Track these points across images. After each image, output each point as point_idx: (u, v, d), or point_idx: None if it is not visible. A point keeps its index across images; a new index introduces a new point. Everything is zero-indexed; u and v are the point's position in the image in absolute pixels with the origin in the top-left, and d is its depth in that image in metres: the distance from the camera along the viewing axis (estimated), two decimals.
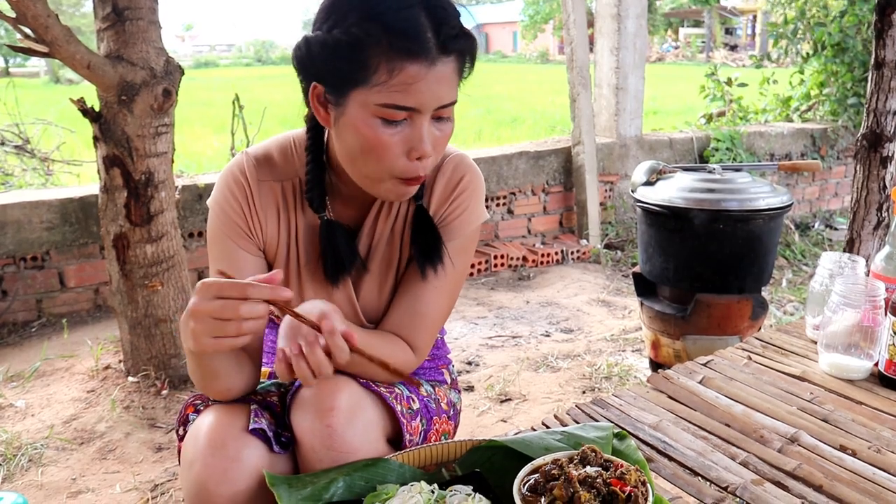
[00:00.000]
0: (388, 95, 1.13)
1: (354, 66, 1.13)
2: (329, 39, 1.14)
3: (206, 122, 10.45)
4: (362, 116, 1.15)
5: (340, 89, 1.16)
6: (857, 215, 3.00)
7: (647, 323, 3.15)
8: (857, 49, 6.15)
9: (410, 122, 1.17)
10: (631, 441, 1.32)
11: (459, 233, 1.41)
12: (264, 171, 1.34)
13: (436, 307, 1.40)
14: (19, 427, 2.79)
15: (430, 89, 1.14)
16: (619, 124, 5.49)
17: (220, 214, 1.32)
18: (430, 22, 1.12)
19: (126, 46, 2.74)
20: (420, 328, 1.39)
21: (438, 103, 1.16)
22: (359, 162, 1.21)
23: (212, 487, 1.19)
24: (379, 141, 1.16)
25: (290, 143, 1.38)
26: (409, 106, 1.14)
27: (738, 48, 33.90)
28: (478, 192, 1.43)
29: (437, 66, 1.13)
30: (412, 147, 1.18)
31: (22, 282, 3.75)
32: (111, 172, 2.85)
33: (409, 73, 1.12)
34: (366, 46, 1.11)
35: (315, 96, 1.21)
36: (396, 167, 1.19)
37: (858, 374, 1.67)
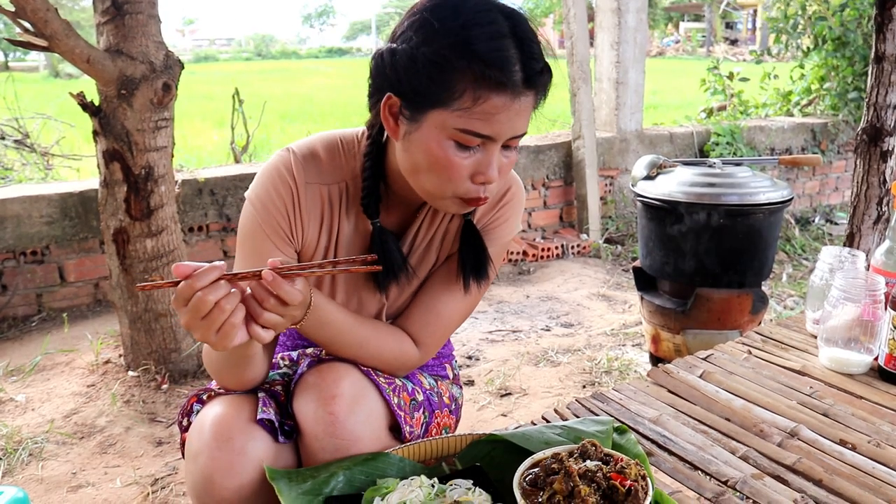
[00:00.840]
0: (467, 122, 1.13)
1: (439, 88, 1.12)
2: (418, 56, 1.13)
3: (205, 116, 10.43)
4: (437, 137, 1.16)
5: (419, 106, 1.16)
6: (857, 210, 3.00)
7: (648, 317, 3.15)
8: (857, 43, 6.14)
9: (483, 148, 1.18)
10: (631, 435, 1.32)
11: (497, 242, 1.45)
12: (312, 173, 1.31)
13: (454, 310, 1.43)
14: (20, 421, 2.79)
15: (510, 121, 1.15)
16: (620, 119, 5.49)
17: (262, 211, 1.29)
18: (519, 55, 1.12)
19: (125, 40, 2.74)
20: (432, 327, 1.41)
21: (513, 134, 1.18)
22: (423, 178, 1.22)
23: (218, 480, 1.20)
24: (450, 162, 1.17)
25: (337, 145, 1.36)
26: (487, 135, 1.15)
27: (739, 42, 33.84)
28: (520, 204, 1.47)
29: (521, 99, 1.14)
30: (479, 172, 1.19)
31: (22, 276, 3.75)
32: (111, 167, 2.85)
33: (493, 104, 1.12)
34: (454, 70, 1.11)
35: (388, 107, 1.20)
36: (460, 189, 1.20)
37: (858, 368, 1.67)
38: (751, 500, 1.22)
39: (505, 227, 1.45)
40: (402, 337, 1.40)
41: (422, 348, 1.41)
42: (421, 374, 1.55)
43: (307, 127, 7.78)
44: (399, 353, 1.39)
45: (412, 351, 1.40)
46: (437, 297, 1.41)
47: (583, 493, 1.06)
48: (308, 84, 17.57)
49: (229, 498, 1.20)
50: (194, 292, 1.04)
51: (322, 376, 1.28)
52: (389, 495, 1.10)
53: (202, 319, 1.04)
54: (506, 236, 1.46)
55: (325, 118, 10.29)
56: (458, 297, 1.42)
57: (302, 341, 1.55)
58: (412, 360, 1.41)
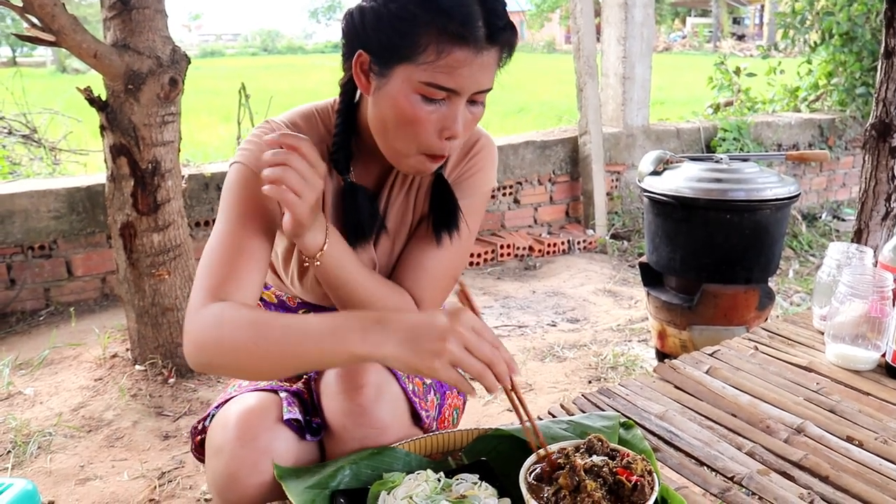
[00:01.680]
0: (432, 75, 1.16)
1: (405, 42, 1.16)
2: (384, 12, 1.17)
3: (212, 111, 10.44)
4: (404, 91, 1.19)
5: (387, 61, 1.19)
6: (865, 205, 2.99)
7: (654, 313, 3.15)
8: (865, 38, 6.11)
9: (448, 102, 1.21)
10: (637, 431, 1.32)
11: (471, 192, 1.47)
12: None
13: (440, 265, 1.44)
14: (28, 414, 2.80)
15: (473, 75, 1.18)
16: (626, 114, 5.48)
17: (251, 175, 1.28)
18: (483, 11, 1.16)
19: (132, 35, 2.74)
20: (425, 282, 1.43)
21: (477, 88, 1.21)
22: (391, 133, 1.25)
23: (242, 478, 1.21)
24: (416, 116, 1.20)
25: (313, 113, 1.41)
26: (451, 87, 1.18)
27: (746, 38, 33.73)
28: (491, 155, 1.50)
29: (483, 54, 1.17)
30: (445, 126, 1.22)
31: (30, 270, 3.76)
32: (118, 161, 2.85)
33: (456, 57, 1.15)
34: (419, 25, 1.15)
35: (359, 63, 1.23)
36: (426, 143, 1.23)
37: (865, 364, 1.67)
38: (757, 496, 1.22)
39: (479, 177, 1.47)
40: (405, 294, 1.41)
41: (421, 305, 1.42)
42: None
43: None
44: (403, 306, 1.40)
45: (412, 307, 1.41)
46: (424, 252, 1.43)
47: (589, 488, 1.06)
48: (314, 79, 17.55)
49: (252, 495, 1.21)
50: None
51: (346, 368, 1.30)
52: (396, 489, 1.11)
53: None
54: (481, 186, 1.48)
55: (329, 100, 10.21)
56: (445, 250, 1.43)
57: None
58: None
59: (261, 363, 1.14)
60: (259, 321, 1.13)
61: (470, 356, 1.07)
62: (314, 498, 1.14)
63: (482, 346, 1.08)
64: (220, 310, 1.16)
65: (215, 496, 1.27)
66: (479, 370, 1.08)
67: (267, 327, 1.12)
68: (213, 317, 1.16)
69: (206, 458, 1.31)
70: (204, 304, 1.18)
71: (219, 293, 1.19)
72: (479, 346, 1.08)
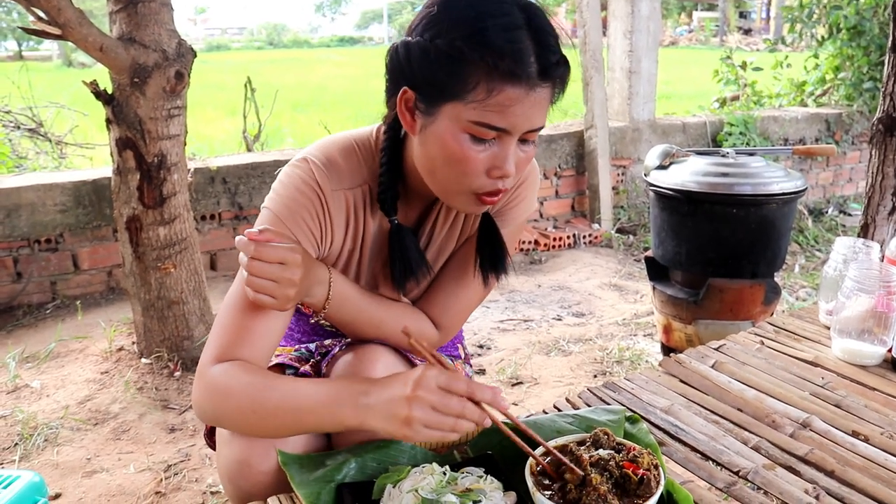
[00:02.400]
0: (482, 114, 1.12)
1: (453, 80, 1.11)
2: (431, 49, 1.12)
3: (218, 105, 10.45)
4: (452, 130, 1.15)
5: (434, 99, 1.15)
6: (871, 200, 2.98)
7: (659, 307, 3.14)
8: (873, 32, 6.09)
9: (499, 141, 1.16)
10: (643, 425, 1.32)
11: (512, 222, 1.46)
12: (335, 180, 1.29)
13: (471, 294, 1.45)
14: (35, 407, 2.81)
15: (525, 113, 1.13)
16: (632, 108, 5.46)
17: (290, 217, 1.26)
18: (535, 46, 1.11)
19: (138, 29, 2.74)
20: (452, 310, 1.43)
21: (529, 127, 1.16)
22: (439, 173, 1.21)
23: (254, 465, 1.22)
24: (465, 156, 1.16)
25: (353, 148, 1.34)
26: (502, 127, 1.13)
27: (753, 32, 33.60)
28: (536, 182, 1.48)
29: (536, 91, 1.12)
30: (496, 166, 1.17)
31: (36, 264, 3.77)
32: (124, 155, 2.86)
33: (507, 96, 1.11)
34: (468, 62, 1.10)
35: (404, 101, 1.19)
36: (476, 183, 1.19)
37: (872, 359, 1.66)
38: (762, 491, 1.22)
39: (522, 206, 1.46)
40: (421, 317, 1.42)
41: (441, 331, 1.43)
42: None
43: (319, 116, 7.78)
44: (417, 332, 1.39)
45: (431, 332, 1.42)
46: (458, 282, 1.43)
47: (595, 482, 1.06)
48: (320, 73, 17.56)
49: (263, 482, 1.22)
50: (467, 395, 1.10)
51: (357, 358, 1.31)
52: (401, 482, 1.11)
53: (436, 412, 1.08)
54: (523, 215, 1.47)
55: (337, 107, 10.28)
56: (475, 282, 1.43)
57: (318, 337, 1.55)
58: (431, 341, 1.43)
59: (259, 430, 1.19)
60: (256, 393, 1.15)
61: (437, 415, 1.07)
62: (320, 490, 1.15)
63: (448, 403, 1.07)
64: (223, 374, 1.18)
65: (226, 484, 1.27)
66: (449, 426, 1.08)
67: (263, 399, 1.15)
68: (214, 383, 1.18)
69: (216, 446, 1.31)
70: (211, 363, 1.20)
71: (227, 353, 1.21)
72: (445, 405, 1.07)
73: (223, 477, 1.28)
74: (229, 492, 1.28)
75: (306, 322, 1.54)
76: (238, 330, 1.21)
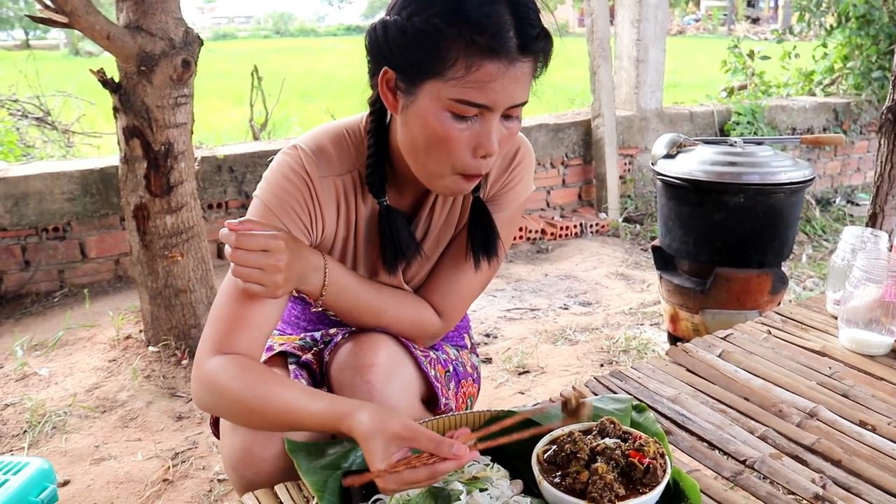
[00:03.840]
0: (462, 91, 1.10)
1: (431, 58, 1.10)
2: (408, 27, 1.11)
3: (224, 94, 10.44)
4: (433, 108, 1.13)
5: (413, 78, 1.14)
6: (880, 190, 2.96)
7: (666, 296, 3.14)
8: (882, 21, 6.05)
9: (481, 118, 1.15)
10: (650, 413, 1.32)
11: (510, 205, 1.44)
12: (324, 166, 1.29)
13: (472, 280, 1.43)
14: (43, 395, 2.83)
15: (506, 89, 1.12)
16: (640, 97, 5.45)
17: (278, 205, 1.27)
18: (514, 20, 1.09)
19: (145, 17, 2.74)
20: (453, 297, 1.42)
21: (511, 103, 1.14)
22: (422, 154, 1.20)
23: (257, 453, 1.23)
24: (447, 135, 1.14)
25: (343, 135, 1.34)
26: (483, 103, 1.12)
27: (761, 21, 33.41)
28: (531, 164, 1.46)
29: (516, 66, 1.11)
30: (479, 144, 1.16)
31: (44, 252, 3.78)
32: (131, 143, 2.86)
33: (487, 71, 1.09)
34: (446, 39, 1.08)
35: (385, 81, 1.18)
36: (460, 163, 1.18)
37: (879, 349, 1.66)
38: (769, 480, 1.22)
39: (518, 189, 1.44)
40: (423, 305, 1.41)
41: (444, 318, 1.43)
42: (445, 345, 1.57)
43: (326, 104, 7.76)
44: (419, 320, 1.40)
45: (433, 319, 1.42)
46: (457, 268, 1.42)
47: (601, 471, 1.06)
48: (326, 62, 17.54)
49: (266, 470, 1.22)
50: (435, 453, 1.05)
51: (359, 346, 1.31)
52: None
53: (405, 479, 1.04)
54: (520, 197, 1.45)
55: (344, 96, 10.26)
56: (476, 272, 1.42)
57: (322, 325, 1.56)
58: (433, 329, 1.42)
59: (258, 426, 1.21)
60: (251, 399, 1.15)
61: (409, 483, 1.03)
62: (326, 478, 1.15)
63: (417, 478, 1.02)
64: (221, 368, 1.18)
65: (230, 472, 1.28)
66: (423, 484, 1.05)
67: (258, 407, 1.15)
68: (212, 376, 1.18)
69: (220, 434, 1.32)
70: (208, 356, 1.20)
71: (224, 345, 1.21)
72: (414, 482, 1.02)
73: (227, 465, 1.29)
74: (233, 480, 1.29)
75: (311, 311, 1.55)
76: (232, 320, 1.21)
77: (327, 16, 59.52)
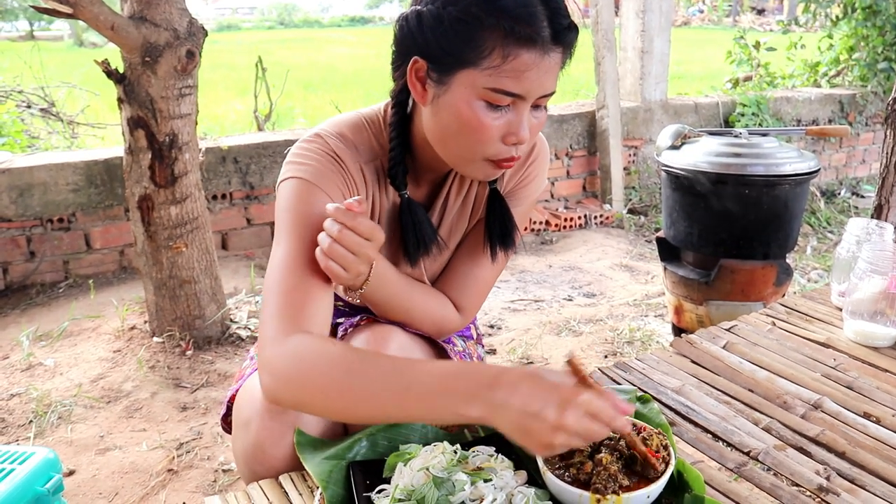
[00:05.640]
0: (497, 80, 1.12)
1: (468, 47, 1.11)
2: (444, 16, 1.12)
3: (228, 85, 10.43)
4: (467, 98, 1.14)
5: (448, 68, 1.15)
6: (885, 181, 2.95)
7: (671, 288, 3.14)
8: (889, 12, 6.02)
9: (513, 107, 1.16)
10: (654, 405, 1.32)
11: (525, 200, 1.46)
12: (349, 153, 1.29)
13: (488, 274, 1.45)
14: (49, 385, 2.83)
15: (539, 78, 1.13)
16: (644, 88, 5.43)
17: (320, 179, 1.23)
18: (546, 10, 1.11)
19: (149, 7, 2.74)
20: (470, 290, 1.44)
21: (542, 92, 1.16)
22: (452, 142, 1.21)
23: (269, 450, 1.23)
24: (480, 123, 1.15)
25: (363, 124, 1.34)
26: (517, 93, 1.13)
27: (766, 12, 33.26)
28: (546, 160, 1.48)
29: (549, 55, 1.13)
30: (510, 132, 1.18)
31: (49, 243, 3.79)
32: (135, 134, 2.86)
33: (522, 61, 1.11)
34: (483, 28, 1.10)
35: (414, 71, 1.19)
36: (491, 150, 1.19)
37: (884, 341, 1.66)
38: (773, 472, 1.22)
39: (534, 185, 1.47)
40: (445, 301, 1.43)
41: (462, 313, 1.45)
42: (454, 336, 1.58)
43: (330, 96, 7.76)
44: (442, 316, 1.42)
45: (453, 315, 1.44)
46: (474, 262, 1.43)
47: (605, 461, 1.06)
48: (331, 53, 17.50)
49: (278, 467, 1.23)
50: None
51: (372, 335, 1.31)
52: (412, 461, 1.11)
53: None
54: (535, 193, 1.48)
55: (348, 87, 10.25)
56: (492, 264, 1.44)
57: (343, 317, 1.55)
58: (453, 324, 1.45)
59: (354, 408, 1.08)
60: (356, 363, 1.07)
61: (580, 440, 0.99)
62: (331, 469, 1.15)
63: (591, 432, 0.98)
64: (308, 343, 1.10)
65: (242, 467, 1.29)
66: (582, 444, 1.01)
67: (364, 372, 1.06)
68: (299, 351, 1.09)
69: (233, 429, 1.32)
70: (285, 334, 1.11)
71: (298, 323, 1.13)
72: (588, 435, 0.98)
73: (238, 459, 1.29)
74: (243, 473, 1.29)
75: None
76: (301, 296, 1.16)
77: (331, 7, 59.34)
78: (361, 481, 1.12)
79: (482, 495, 1.05)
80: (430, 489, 1.05)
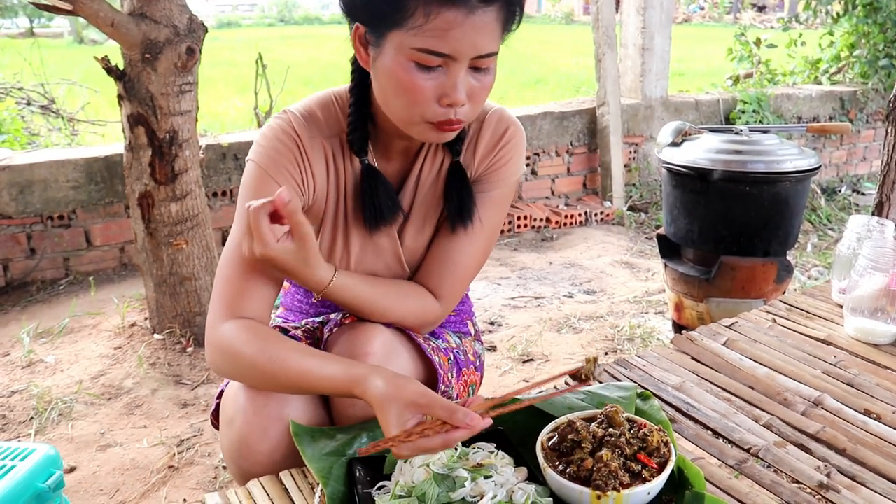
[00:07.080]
0: (423, 40, 1.11)
1: (392, 8, 1.12)
2: None
3: (228, 82, 10.42)
4: (398, 59, 1.15)
5: (379, 30, 1.16)
6: (886, 178, 2.95)
7: (671, 285, 3.14)
8: (889, 9, 6.01)
9: (446, 69, 1.15)
10: (654, 401, 1.32)
11: (500, 183, 1.43)
12: (313, 128, 1.32)
13: (466, 258, 1.41)
14: (49, 382, 2.84)
15: (467, 37, 1.11)
16: (645, 85, 5.43)
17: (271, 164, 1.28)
18: None
19: (149, 4, 2.73)
20: (448, 278, 1.41)
21: (475, 53, 1.14)
22: (391, 103, 1.21)
23: (253, 444, 1.23)
24: (412, 84, 1.15)
25: (331, 100, 1.37)
26: (444, 52, 1.12)
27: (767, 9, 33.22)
28: (521, 144, 1.45)
29: (477, 13, 1.11)
30: (444, 93, 1.17)
31: (49, 240, 3.79)
32: (136, 131, 2.86)
33: (445, 19, 1.09)
34: None
35: (357, 37, 1.21)
36: (428, 112, 1.18)
37: (884, 338, 1.66)
38: (773, 469, 1.22)
39: (507, 169, 1.43)
40: (423, 293, 1.41)
41: (442, 302, 1.42)
42: (447, 333, 1.57)
43: None
44: (421, 310, 1.40)
45: (433, 306, 1.41)
46: (448, 248, 1.41)
47: (605, 458, 1.06)
48: (331, 50, 17.44)
49: (264, 462, 1.23)
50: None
51: (355, 335, 1.31)
52: (413, 457, 1.11)
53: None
54: (510, 177, 1.44)
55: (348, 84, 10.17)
56: (468, 244, 1.40)
57: (325, 308, 1.56)
58: (434, 315, 1.42)
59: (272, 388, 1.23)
60: (270, 355, 1.18)
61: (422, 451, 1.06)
62: (332, 465, 1.15)
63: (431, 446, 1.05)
64: (236, 332, 1.21)
65: (229, 463, 1.29)
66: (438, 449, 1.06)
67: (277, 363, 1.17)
68: (227, 340, 1.21)
69: (220, 426, 1.33)
70: (221, 320, 1.23)
71: (234, 309, 1.24)
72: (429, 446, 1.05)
73: (226, 456, 1.30)
74: (232, 471, 1.30)
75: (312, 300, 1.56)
76: (242, 283, 1.25)
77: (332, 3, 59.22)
78: (363, 478, 1.12)
79: (483, 492, 1.05)
80: (431, 486, 1.05)
